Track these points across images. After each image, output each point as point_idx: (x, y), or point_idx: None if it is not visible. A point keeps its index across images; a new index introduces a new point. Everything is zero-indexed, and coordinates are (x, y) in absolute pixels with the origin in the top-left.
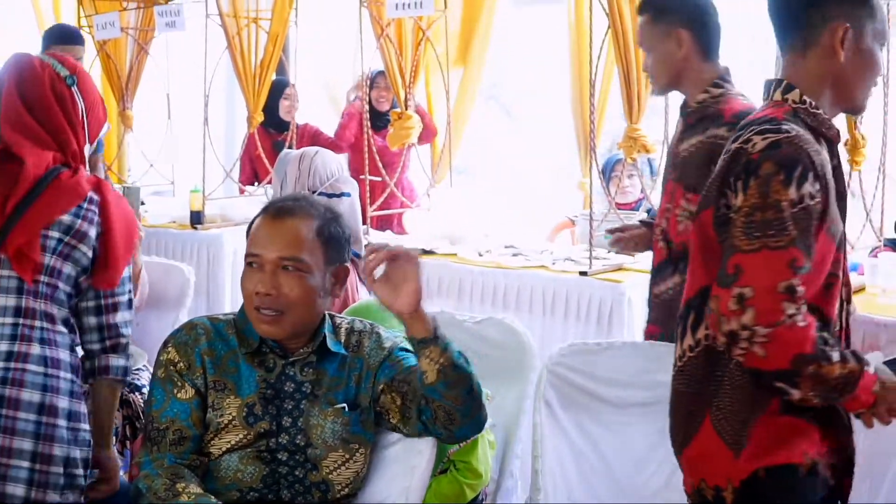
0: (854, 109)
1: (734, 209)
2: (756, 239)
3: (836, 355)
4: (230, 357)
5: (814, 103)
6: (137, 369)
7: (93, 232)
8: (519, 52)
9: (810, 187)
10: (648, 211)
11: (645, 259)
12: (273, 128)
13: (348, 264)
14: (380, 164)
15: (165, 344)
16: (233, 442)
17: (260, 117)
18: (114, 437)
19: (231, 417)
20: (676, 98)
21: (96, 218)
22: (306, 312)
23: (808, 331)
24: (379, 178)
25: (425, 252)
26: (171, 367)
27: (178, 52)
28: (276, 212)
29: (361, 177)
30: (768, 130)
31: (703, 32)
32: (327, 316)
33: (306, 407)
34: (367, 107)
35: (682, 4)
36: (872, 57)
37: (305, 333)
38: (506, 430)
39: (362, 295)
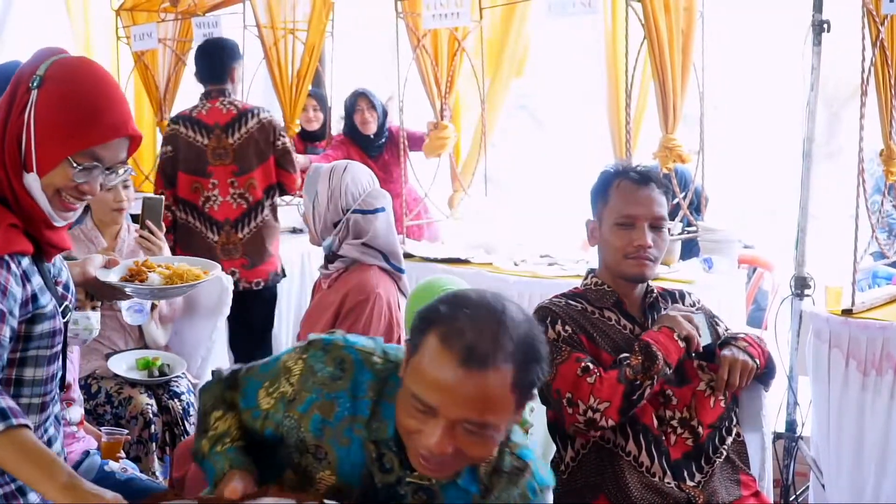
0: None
1: None
2: None
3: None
4: (348, 425)
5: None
6: (176, 377)
7: None
8: (550, 63)
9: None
10: (683, 222)
11: (681, 268)
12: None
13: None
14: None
15: (304, 350)
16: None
17: (297, 127)
18: (153, 444)
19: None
20: (713, 106)
21: None
22: (481, 460)
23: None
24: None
25: (461, 261)
26: (285, 378)
27: None
28: (468, 357)
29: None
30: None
31: None
32: None
33: None
34: (402, 118)
35: None
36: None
37: None
38: (542, 446)
39: (403, 311)
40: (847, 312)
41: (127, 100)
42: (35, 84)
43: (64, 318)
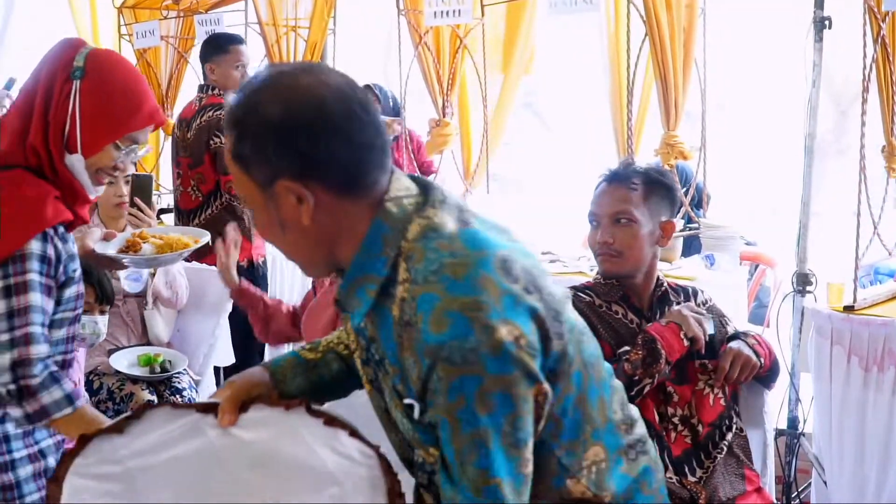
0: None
1: None
2: None
3: None
4: None
5: None
6: (178, 373)
7: None
8: (554, 61)
9: None
10: (685, 218)
11: (683, 265)
12: None
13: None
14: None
15: None
16: None
17: None
18: None
19: None
20: (714, 103)
21: None
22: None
23: None
24: None
25: None
26: None
27: None
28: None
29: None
30: None
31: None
32: None
33: None
34: (404, 114)
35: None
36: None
37: None
38: None
39: None
40: (849, 309)
41: None
42: (77, 75)
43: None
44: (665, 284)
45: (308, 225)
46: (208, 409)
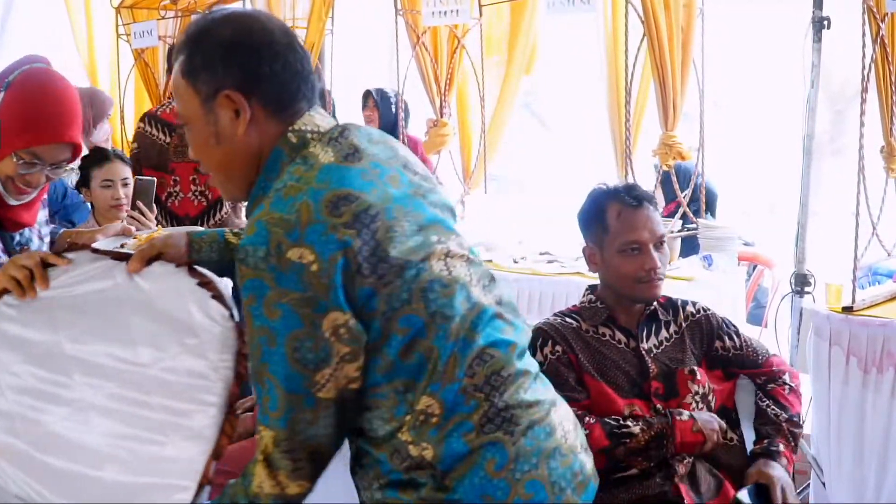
0: (631, 299)
1: None
2: None
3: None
4: None
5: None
6: None
7: None
8: (552, 61)
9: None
10: (683, 218)
11: (681, 266)
12: None
13: None
14: None
15: None
16: None
17: None
18: None
19: None
20: (713, 103)
21: None
22: None
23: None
24: None
25: None
26: None
27: None
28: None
29: None
30: None
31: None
32: None
33: None
34: (402, 114)
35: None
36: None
37: None
38: None
39: None
40: (847, 310)
41: (77, 110)
42: (4, 86)
43: None
44: (654, 303)
45: (241, 137)
46: (123, 257)
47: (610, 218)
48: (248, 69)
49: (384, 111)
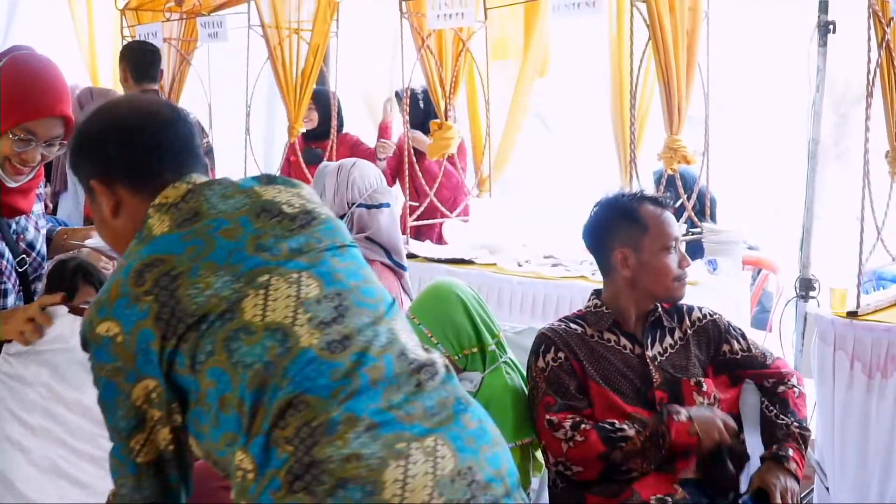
0: (662, 299)
1: None
2: None
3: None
4: None
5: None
6: None
7: None
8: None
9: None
10: (688, 222)
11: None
12: (314, 138)
13: None
14: (421, 177)
15: None
16: None
17: (301, 126)
18: None
19: None
20: (717, 107)
21: None
22: None
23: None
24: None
25: (465, 262)
26: None
27: (220, 63)
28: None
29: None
30: None
31: None
32: None
33: None
34: (406, 118)
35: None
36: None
37: None
38: None
39: (406, 305)
40: (852, 315)
41: (65, 86)
42: None
43: (21, 268)
44: (659, 308)
45: (114, 220)
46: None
47: (646, 217)
48: (97, 156)
49: (413, 110)
